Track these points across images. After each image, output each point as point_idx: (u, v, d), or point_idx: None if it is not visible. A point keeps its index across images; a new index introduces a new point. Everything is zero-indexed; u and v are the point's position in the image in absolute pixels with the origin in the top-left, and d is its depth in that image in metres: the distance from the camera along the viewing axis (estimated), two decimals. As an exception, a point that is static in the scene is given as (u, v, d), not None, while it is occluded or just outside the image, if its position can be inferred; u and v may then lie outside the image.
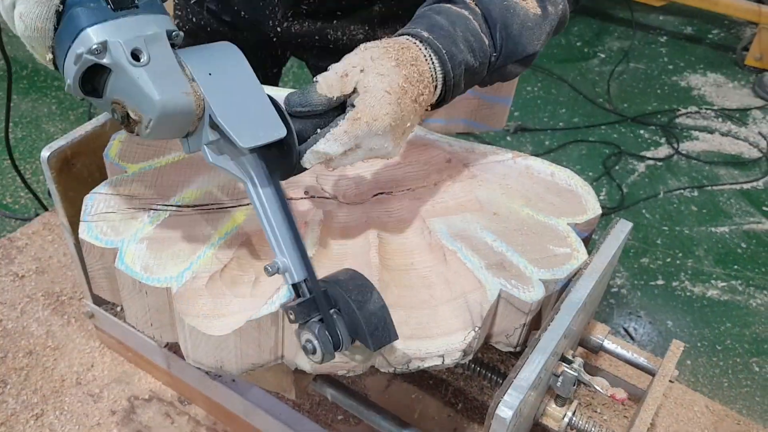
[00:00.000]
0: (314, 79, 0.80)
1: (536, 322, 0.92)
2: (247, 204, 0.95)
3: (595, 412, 1.24)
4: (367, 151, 0.81)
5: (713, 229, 2.53)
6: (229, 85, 0.74)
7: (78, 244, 1.01)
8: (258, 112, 0.74)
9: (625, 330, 2.11)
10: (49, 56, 0.74)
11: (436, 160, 1.06)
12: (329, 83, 0.79)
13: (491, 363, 1.07)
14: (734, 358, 2.08)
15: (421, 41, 0.83)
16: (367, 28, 1.21)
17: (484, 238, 0.94)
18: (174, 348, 1.16)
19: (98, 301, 1.20)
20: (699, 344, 2.12)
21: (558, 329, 0.83)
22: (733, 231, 2.53)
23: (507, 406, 0.74)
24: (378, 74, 0.78)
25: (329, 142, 0.78)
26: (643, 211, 2.57)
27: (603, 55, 3.51)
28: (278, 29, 1.22)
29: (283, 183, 0.77)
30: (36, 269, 1.42)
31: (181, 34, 0.75)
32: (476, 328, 0.84)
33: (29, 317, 1.33)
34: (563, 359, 0.89)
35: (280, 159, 0.78)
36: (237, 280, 0.87)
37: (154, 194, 0.95)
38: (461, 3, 0.88)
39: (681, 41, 3.67)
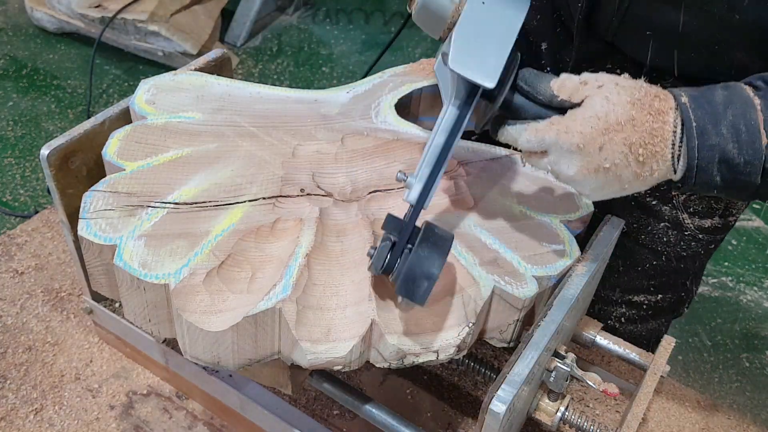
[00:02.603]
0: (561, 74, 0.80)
1: (529, 318, 0.94)
2: (243, 202, 0.96)
3: (588, 407, 1.25)
4: (553, 163, 0.78)
5: (705, 226, 2.54)
6: (489, 19, 0.76)
7: (77, 241, 1.02)
8: (489, 55, 0.75)
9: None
10: None
11: (431, 159, 1.07)
12: (564, 84, 0.77)
13: (485, 358, 1.08)
14: (725, 353, 2.09)
15: (676, 102, 0.76)
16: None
17: (478, 235, 0.95)
18: (172, 344, 1.17)
19: (97, 297, 1.21)
20: (690, 340, 2.13)
21: (551, 325, 0.84)
22: (724, 228, 2.55)
23: (500, 401, 0.75)
24: (605, 98, 0.75)
25: (520, 131, 0.78)
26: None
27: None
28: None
29: (281, 178, 0.79)
30: (35, 266, 1.43)
31: None
32: (470, 324, 0.85)
33: (29, 313, 1.34)
34: (556, 355, 0.90)
35: (484, 107, 0.80)
36: (234, 276, 0.88)
37: (152, 192, 0.95)
38: (762, 91, 0.76)
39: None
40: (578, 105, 0.77)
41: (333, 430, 1.14)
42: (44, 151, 1.01)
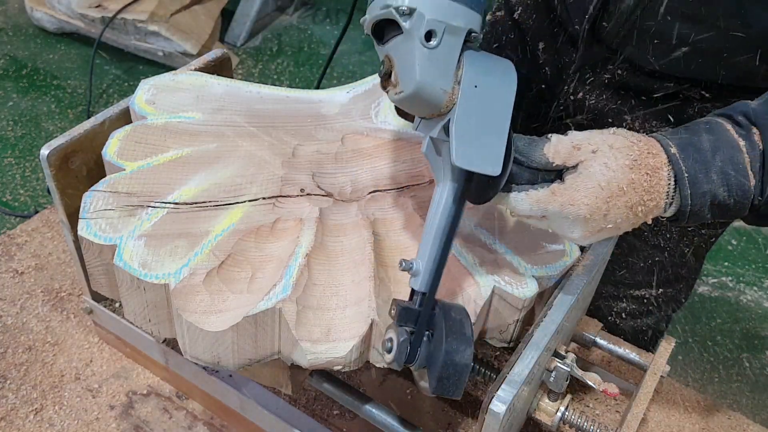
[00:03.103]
0: (548, 136, 0.79)
1: (529, 318, 0.94)
2: (243, 202, 0.96)
3: (588, 407, 1.25)
4: (554, 226, 0.80)
5: (705, 226, 2.55)
6: (483, 105, 0.75)
7: (77, 241, 1.02)
8: (489, 143, 0.74)
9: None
10: None
11: (431, 159, 1.08)
12: (557, 149, 0.77)
13: (485, 358, 1.08)
14: (725, 353, 2.10)
15: (667, 156, 0.78)
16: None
17: (478, 236, 0.95)
18: (172, 343, 1.17)
19: (97, 297, 1.21)
20: (690, 340, 2.13)
21: (551, 325, 0.84)
22: (724, 228, 2.55)
23: (500, 401, 0.75)
24: (604, 164, 0.76)
25: (520, 200, 0.78)
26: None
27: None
28: (571, 97, 1.15)
29: (281, 178, 0.79)
30: (35, 266, 1.43)
31: (480, 37, 0.76)
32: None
33: (29, 313, 1.34)
34: (556, 355, 0.90)
35: (481, 185, 0.79)
36: (234, 276, 0.88)
37: (152, 192, 0.96)
38: (745, 129, 0.78)
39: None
40: (574, 168, 0.77)
41: (333, 430, 1.14)
42: (44, 151, 1.01)
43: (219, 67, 1.25)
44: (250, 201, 0.97)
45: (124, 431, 1.17)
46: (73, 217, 1.06)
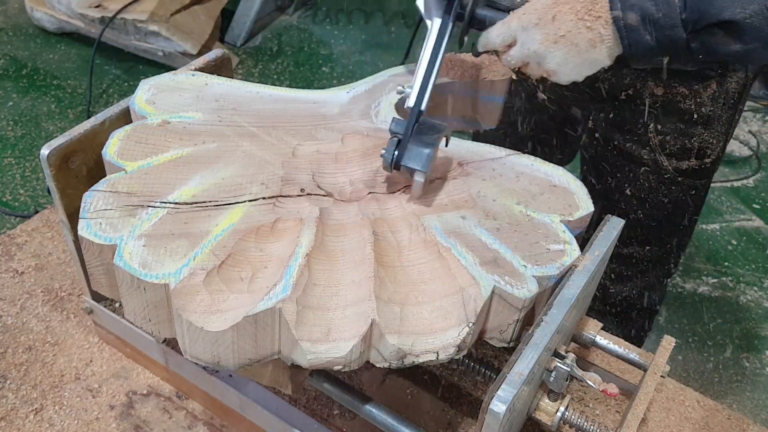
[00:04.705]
0: None
1: (530, 318, 0.94)
2: (243, 201, 0.96)
3: (588, 407, 1.25)
4: (521, 45, 0.96)
5: (704, 226, 2.55)
6: None
7: (77, 240, 1.02)
8: None
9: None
10: None
11: (431, 159, 1.08)
12: None
13: (485, 358, 1.08)
14: (725, 353, 2.10)
15: None
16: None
17: (478, 235, 0.95)
18: (172, 343, 1.17)
19: (97, 297, 1.21)
20: (690, 340, 2.14)
21: (551, 325, 0.84)
22: (723, 228, 2.55)
23: (500, 401, 0.75)
24: None
25: (490, 31, 0.98)
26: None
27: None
28: None
29: (281, 178, 0.79)
30: (35, 266, 1.43)
31: None
32: (470, 324, 0.85)
33: (29, 313, 1.34)
34: (556, 354, 0.90)
35: (460, 31, 1.02)
36: (234, 276, 0.88)
37: (152, 192, 0.96)
38: None
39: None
40: None
41: (333, 430, 1.14)
42: (44, 151, 1.01)
43: (219, 67, 1.25)
44: (250, 201, 0.97)
45: (124, 431, 1.17)
46: (73, 217, 1.06)
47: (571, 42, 0.93)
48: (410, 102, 0.99)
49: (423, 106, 0.99)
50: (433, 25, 1.00)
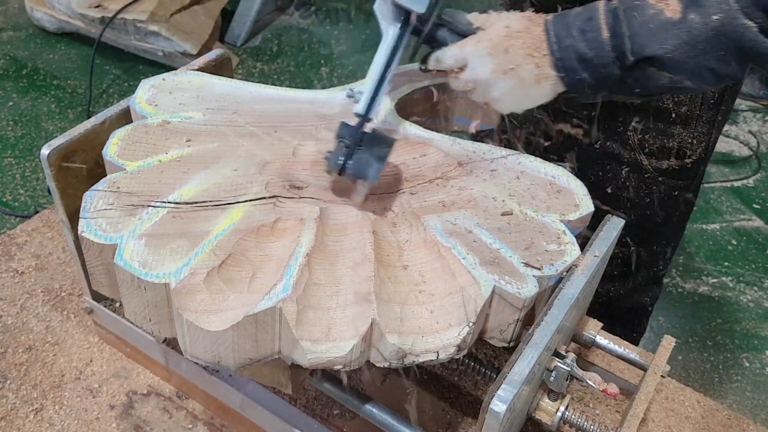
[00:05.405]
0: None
1: (530, 318, 0.94)
2: (244, 201, 0.96)
3: (588, 406, 1.25)
4: (471, 70, 0.97)
5: (704, 226, 2.55)
6: None
7: (77, 240, 1.02)
8: None
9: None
10: None
11: (431, 158, 1.08)
12: (477, 16, 0.99)
13: (485, 358, 1.08)
14: (725, 353, 2.10)
15: (544, 22, 0.95)
16: None
17: (479, 235, 0.95)
18: (172, 343, 1.17)
19: (97, 297, 1.21)
20: (690, 340, 2.14)
21: (551, 325, 0.85)
22: (723, 228, 2.55)
23: (501, 401, 0.75)
24: (507, 17, 0.97)
25: (445, 51, 0.98)
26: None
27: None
28: None
29: (282, 178, 0.79)
30: (35, 266, 1.43)
31: None
32: (470, 324, 0.85)
33: (29, 313, 1.34)
34: (556, 354, 0.90)
35: (416, 44, 1.03)
36: (234, 276, 0.88)
37: (152, 191, 0.96)
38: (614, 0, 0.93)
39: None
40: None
41: (333, 430, 1.14)
42: (44, 151, 1.01)
43: (219, 67, 1.25)
44: (250, 201, 0.97)
45: (124, 431, 1.17)
46: (73, 216, 1.06)
47: (518, 76, 0.94)
48: (359, 109, 0.98)
49: (371, 114, 0.99)
50: (389, 33, 0.99)
